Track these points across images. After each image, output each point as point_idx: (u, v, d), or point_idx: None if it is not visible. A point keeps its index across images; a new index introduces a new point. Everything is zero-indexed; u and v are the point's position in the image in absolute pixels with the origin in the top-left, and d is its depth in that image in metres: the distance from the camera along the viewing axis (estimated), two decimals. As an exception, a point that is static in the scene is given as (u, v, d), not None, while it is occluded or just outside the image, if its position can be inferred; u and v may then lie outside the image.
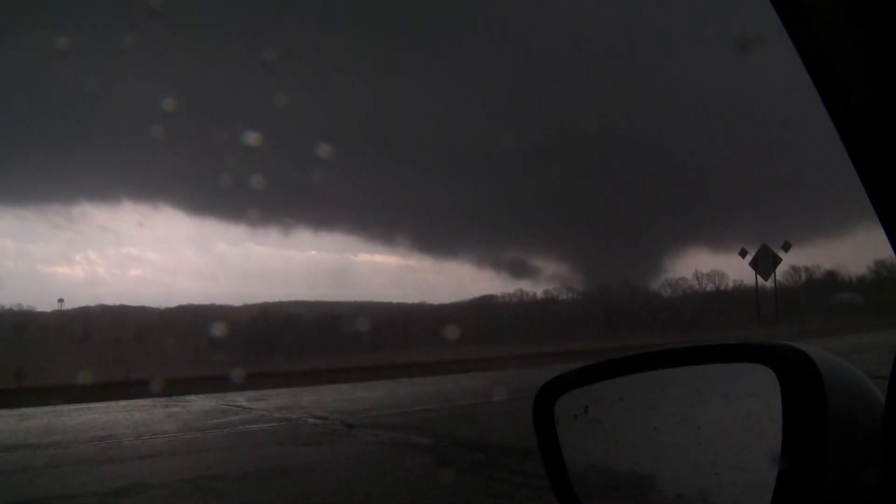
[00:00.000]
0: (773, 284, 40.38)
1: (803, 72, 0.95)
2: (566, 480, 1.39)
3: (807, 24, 0.91)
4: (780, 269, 40.01)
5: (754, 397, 1.13)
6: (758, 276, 38.61)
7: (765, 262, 37.79)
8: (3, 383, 25.20)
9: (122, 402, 19.25)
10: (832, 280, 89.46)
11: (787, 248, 38.67)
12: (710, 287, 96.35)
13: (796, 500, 1.01)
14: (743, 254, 39.36)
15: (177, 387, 21.95)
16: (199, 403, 18.66)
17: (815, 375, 1.04)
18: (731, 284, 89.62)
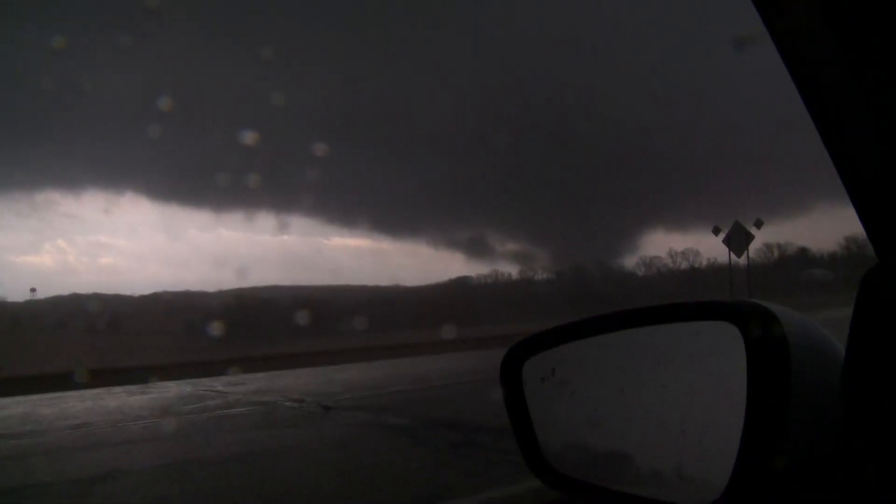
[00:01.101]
0: (746, 262, 40.53)
1: (772, 59, 0.96)
2: (534, 442, 1.40)
3: (785, 21, 0.91)
4: (753, 247, 40.14)
5: (719, 355, 1.13)
6: (731, 253, 38.76)
7: (737, 240, 37.83)
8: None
9: (97, 390, 19.14)
10: (804, 257, 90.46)
11: (759, 225, 38.73)
12: (684, 265, 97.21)
13: (760, 454, 1.02)
14: (716, 231, 39.36)
15: (153, 373, 21.84)
16: (176, 389, 18.60)
17: (778, 331, 1.04)
18: (704, 262, 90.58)
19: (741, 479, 1.04)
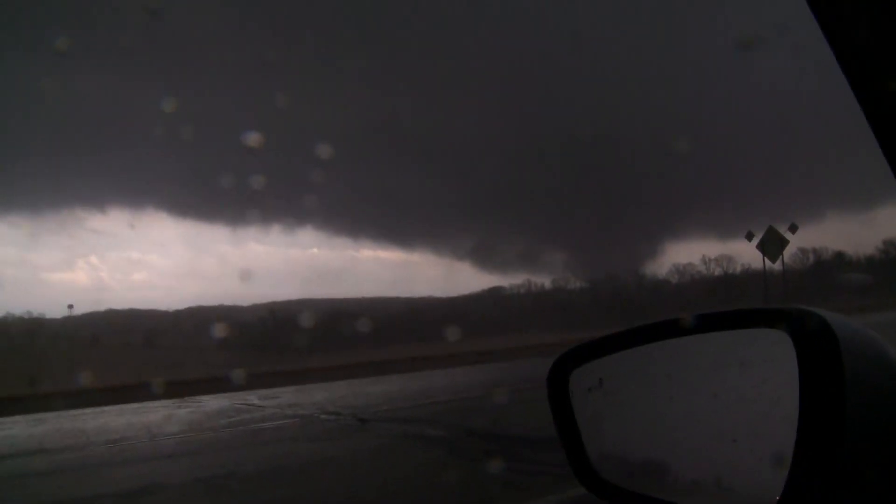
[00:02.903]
0: (780, 267, 39.98)
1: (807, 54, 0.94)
2: (583, 454, 1.38)
3: (836, 8, 0.90)
4: (788, 252, 39.56)
5: (770, 362, 1.11)
6: (765, 258, 38.23)
7: (772, 245, 37.29)
8: (17, 390, 25.33)
9: (135, 405, 19.36)
10: (840, 261, 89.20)
11: (794, 229, 38.06)
12: (718, 272, 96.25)
13: (815, 463, 1.00)
14: (749, 237, 38.80)
15: (189, 388, 22.06)
16: (212, 403, 18.73)
17: (830, 337, 1.02)
18: (739, 269, 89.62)
19: (796, 488, 1.02)
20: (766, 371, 1.13)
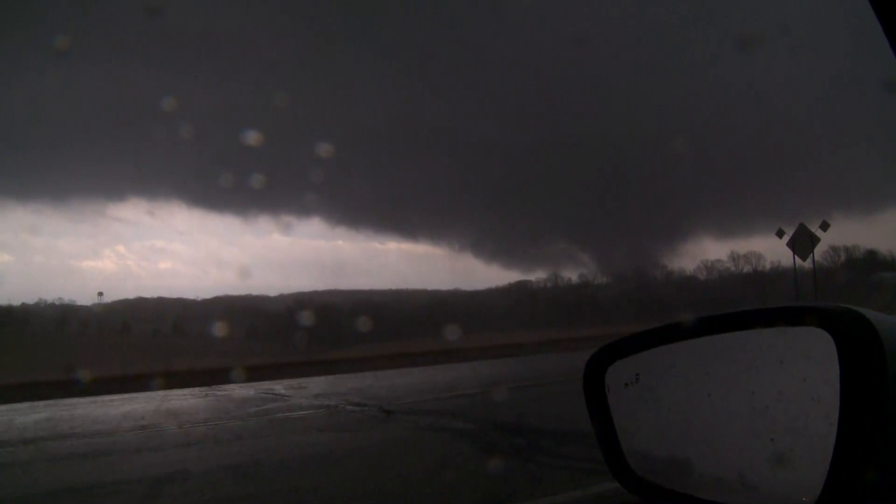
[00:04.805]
0: (811, 265, 39.50)
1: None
2: (617, 448, 1.38)
3: None
4: (819, 250, 39.05)
5: (810, 361, 1.10)
6: (795, 256, 37.75)
7: (802, 242, 36.83)
8: (49, 374, 25.67)
9: (162, 392, 19.54)
10: (872, 259, 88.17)
11: (825, 227, 37.54)
12: (747, 269, 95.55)
13: (855, 464, 0.99)
14: (780, 234, 38.36)
15: (216, 376, 22.24)
16: (239, 392, 18.85)
17: (872, 336, 1.01)
18: (768, 266, 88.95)
19: (834, 489, 1.01)
20: (806, 369, 1.12)
